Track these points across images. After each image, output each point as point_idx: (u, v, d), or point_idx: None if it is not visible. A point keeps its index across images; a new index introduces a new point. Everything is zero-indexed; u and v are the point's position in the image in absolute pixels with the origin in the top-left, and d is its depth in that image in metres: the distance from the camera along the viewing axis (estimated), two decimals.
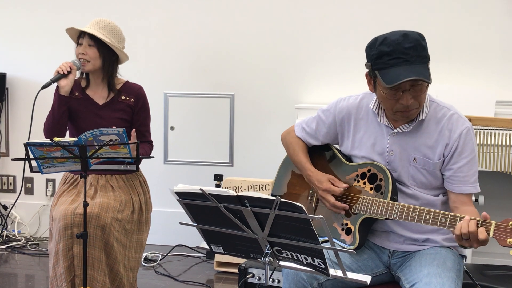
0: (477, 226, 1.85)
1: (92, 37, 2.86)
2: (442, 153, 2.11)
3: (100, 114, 2.90)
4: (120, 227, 2.77)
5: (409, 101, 2.03)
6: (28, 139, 2.50)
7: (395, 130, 2.16)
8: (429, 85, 2.04)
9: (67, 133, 2.96)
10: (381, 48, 2.02)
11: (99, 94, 2.94)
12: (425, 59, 2.03)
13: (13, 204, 4.46)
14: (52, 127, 2.83)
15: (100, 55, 2.88)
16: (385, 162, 2.19)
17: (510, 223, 1.79)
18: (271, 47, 4.14)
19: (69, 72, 2.81)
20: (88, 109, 2.90)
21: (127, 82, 3.02)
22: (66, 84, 2.81)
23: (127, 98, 2.95)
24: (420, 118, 2.12)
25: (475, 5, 3.82)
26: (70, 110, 2.88)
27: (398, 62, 1.99)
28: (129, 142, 2.54)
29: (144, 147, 2.96)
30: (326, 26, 4.05)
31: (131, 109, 2.95)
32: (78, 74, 2.93)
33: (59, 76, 2.80)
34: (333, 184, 2.22)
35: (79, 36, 2.91)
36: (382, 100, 2.12)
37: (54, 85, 2.84)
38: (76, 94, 2.90)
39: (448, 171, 2.12)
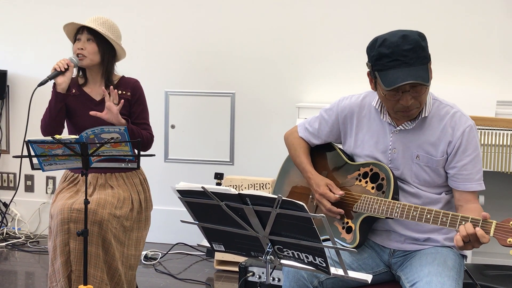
0: (474, 227, 1.85)
1: (90, 31, 2.85)
2: (445, 150, 2.12)
3: (97, 110, 2.88)
4: (118, 224, 2.76)
5: (409, 101, 2.03)
6: (25, 136, 2.49)
7: (398, 128, 2.16)
8: (431, 84, 2.04)
9: (66, 130, 2.96)
10: (381, 50, 2.01)
11: (96, 91, 2.93)
12: (425, 59, 2.02)
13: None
14: (49, 124, 2.84)
15: (99, 50, 2.87)
16: (388, 160, 2.19)
17: (511, 222, 1.80)
18: (272, 46, 4.14)
19: (66, 69, 2.81)
20: (85, 106, 2.89)
21: (123, 77, 3.01)
22: (63, 81, 2.80)
23: (124, 92, 2.93)
24: (423, 116, 2.12)
25: (476, 5, 3.82)
26: (67, 107, 2.88)
27: (396, 64, 1.98)
28: (131, 140, 2.54)
29: (141, 131, 2.91)
30: (327, 26, 4.05)
31: (128, 102, 2.93)
32: (75, 71, 2.92)
33: (56, 73, 2.80)
34: (330, 190, 2.23)
35: (77, 33, 2.91)
36: (383, 100, 2.12)
37: (52, 82, 2.83)
38: (73, 91, 2.89)
39: (452, 169, 2.12)
